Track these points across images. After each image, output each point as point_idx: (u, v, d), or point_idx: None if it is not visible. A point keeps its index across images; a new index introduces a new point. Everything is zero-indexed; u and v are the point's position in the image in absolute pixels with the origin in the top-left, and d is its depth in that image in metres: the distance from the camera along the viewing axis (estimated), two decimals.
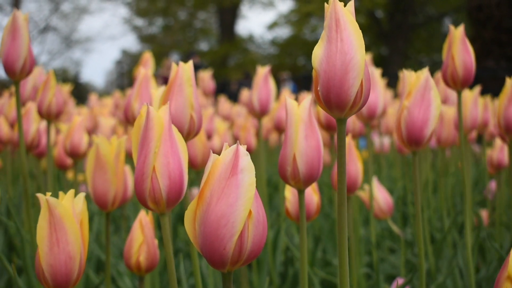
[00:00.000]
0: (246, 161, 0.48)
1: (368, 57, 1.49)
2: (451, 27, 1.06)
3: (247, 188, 0.47)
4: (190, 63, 0.84)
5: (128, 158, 2.12)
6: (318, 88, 0.55)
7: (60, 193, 0.66)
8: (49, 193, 0.64)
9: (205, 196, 0.48)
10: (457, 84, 1.07)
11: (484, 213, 1.91)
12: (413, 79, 0.82)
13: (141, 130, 0.62)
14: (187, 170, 0.63)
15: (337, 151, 0.57)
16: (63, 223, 0.64)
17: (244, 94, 3.16)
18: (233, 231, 0.47)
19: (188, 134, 0.84)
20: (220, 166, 0.48)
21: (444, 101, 1.79)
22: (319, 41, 0.55)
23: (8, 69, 1.04)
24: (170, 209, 0.62)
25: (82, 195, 0.68)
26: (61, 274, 0.64)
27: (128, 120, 1.20)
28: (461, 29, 1.05)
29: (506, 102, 1.11)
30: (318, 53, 0.55)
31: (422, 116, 0.80)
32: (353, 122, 1.66)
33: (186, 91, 0.82)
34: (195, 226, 0.49)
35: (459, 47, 1.05)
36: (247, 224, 0.48)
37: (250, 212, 0.47)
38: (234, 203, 0.47)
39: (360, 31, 0.54)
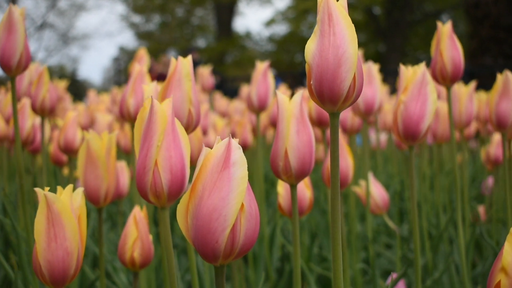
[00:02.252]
0: (238, 154, 0.47)
1: (359, 53, 1.50)
2: (439, 24, 1.06)
3: (239, 181, 0.47)
4: (189, 58, 0.84)
5: (123, 153, 2.12)
6: (311, 82, 0.55)
7: (58, 188, 0.66)
8: (47, 188, 0.64)
9: (197, 189, 0.48)
10: (446, 80, 1.07)
11: (481, 209, 1.91)
12: (410, 74, 0.82)
13: (144, 123, 0.62)
14: (189, 164, 0.62)
15: (330, 145, 0.57)
16: (61, 218, 0.63)
17: (244, 90, 3.16)
18: (225, 224, 0.47)
19: (186, 129, 0.84)
20: (212, 159, 0.48)
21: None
22: (312, 35, 0.55)
23: (3, 65, 1.03)
24: (171, 203, 0.62)
25: (80, 190, 0.67)
26: (58, 269, 0.64)
27: (123, 116, 1.20)
28: (448, 25, 1.06)
29: (497, 98, 1.11)
30: (311, 47, 0.55)
31: (418, 111, 0.80)
32: (351, 118, 1.66)
33: (185, 86, 0.82)
34: (188, 219, 0.49)
35: (447, 43, 1.05)
36: (239, 217, 0.48)
37: (242, 205, 0.47)
38: (226, 196, 0.47)
39: (353, 25, 0.54)
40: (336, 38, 0.54)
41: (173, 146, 0.61)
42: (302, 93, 0.75)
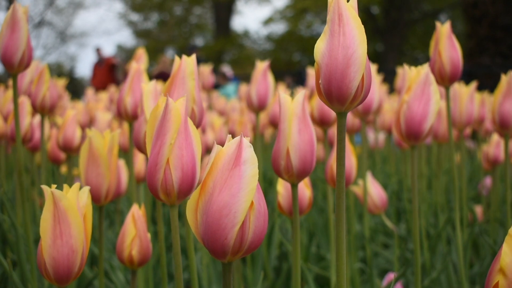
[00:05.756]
0: (249, 152, 0.48)
1: None
2: (438, 24, 1.06)
3: (249, 179, 0.47)
4: (194, 57, 0.84)
5: (121, 152, 2.12)
6: (320, 81, 0.56)
7: (65, 186, 0.66)
8: (54, 186, 0.64)
9: (208, 186, 0.48)
10: (445, 80, 1.07)
11: (478, 209, 1.91)
12: (413, 74, 0.83)
13: (157, 121, 0.62)
14: (200, 163, 0.63)
15: (336, 145, 0.58)
16: (67, 216, 0.63)
17: (243, 89, 3.16)
18: (235, 221, 0.47)
19: None
20: (223, 157, 0.48)
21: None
22: (322, 35, 0.56)
23: (6, 62, 1.03)
24: (181, 201, 0.63)
25: (87, 189, 0.67)
26: (63, 267, 0.64)
27: (120, 115, 1.19)
28: (447, 25, 1.06)
29: (501, 98, 1.12)
30: (320, 46, 0.55)
31: (421, 111, 0.81)
32: (351, 118, 1.66)
33: (188, 84, 0.83)
34: (197, 216, 0.49)
35: (446, 44, 1.05)
36: (249, 215, 0.48)
37: (252, 203, 0.48)
38: (237, 193, 0.47)
39: (362, 26, 0.55)
40: (346, 39, 0.54)
41: (185, 145, 0.61)
42: (304, 92, 0.75)
